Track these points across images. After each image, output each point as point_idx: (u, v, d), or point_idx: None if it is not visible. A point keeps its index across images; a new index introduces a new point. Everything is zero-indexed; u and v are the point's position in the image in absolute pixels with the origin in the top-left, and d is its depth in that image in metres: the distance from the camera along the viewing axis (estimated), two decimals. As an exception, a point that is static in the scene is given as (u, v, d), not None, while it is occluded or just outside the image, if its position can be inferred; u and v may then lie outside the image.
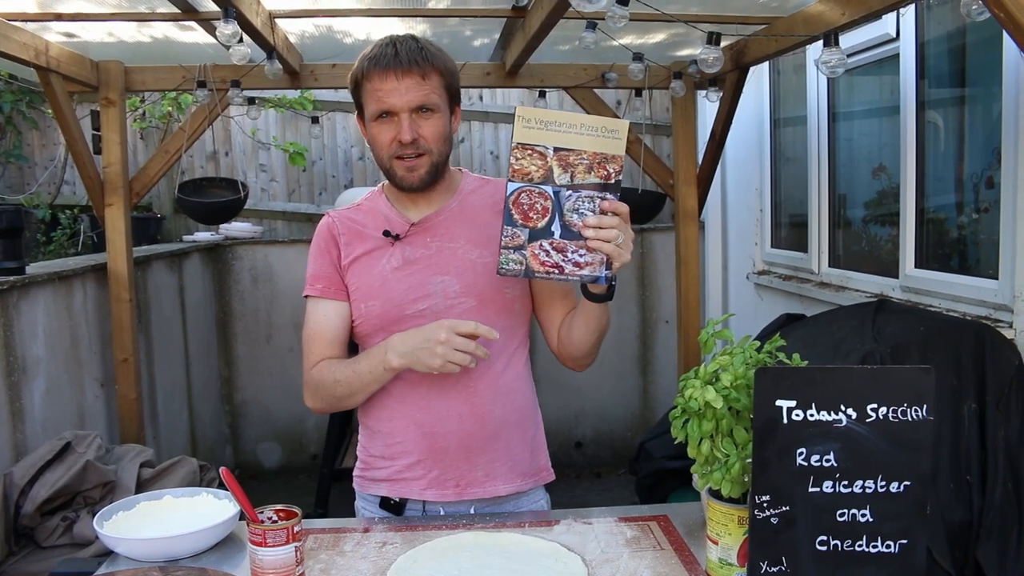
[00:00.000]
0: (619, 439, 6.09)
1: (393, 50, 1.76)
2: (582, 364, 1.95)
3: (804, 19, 3.18)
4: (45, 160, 6.35)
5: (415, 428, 1.88)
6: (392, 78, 1.75)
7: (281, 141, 6.22)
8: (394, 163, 1.82)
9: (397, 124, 1.78)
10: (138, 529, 1.79)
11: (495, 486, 1.90)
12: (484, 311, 1.85)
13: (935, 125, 3.44)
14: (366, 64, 1.78)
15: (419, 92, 1.76)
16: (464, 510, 1.91)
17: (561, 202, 1.63)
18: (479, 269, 1.86)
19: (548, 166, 1.62)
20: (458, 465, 1.88)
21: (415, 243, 1.88)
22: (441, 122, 1.81)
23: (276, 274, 5.96)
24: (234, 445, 6.04)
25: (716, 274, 5.68)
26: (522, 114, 1.61)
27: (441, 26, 3.65)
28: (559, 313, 1.94)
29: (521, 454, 1.95)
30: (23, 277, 3.25)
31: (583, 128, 1.62)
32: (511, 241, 1.64)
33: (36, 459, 2.98)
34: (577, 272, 1.66)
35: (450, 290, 1.85)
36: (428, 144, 1.80)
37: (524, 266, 1.65)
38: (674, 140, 4.61)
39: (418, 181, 1.83)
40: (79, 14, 3.18)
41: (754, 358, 1.52)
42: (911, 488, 1.39)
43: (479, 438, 1.87)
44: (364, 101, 1.82)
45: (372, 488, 1.97)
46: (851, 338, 2.92)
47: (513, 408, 1.92)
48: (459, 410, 1.86)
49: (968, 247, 3.28)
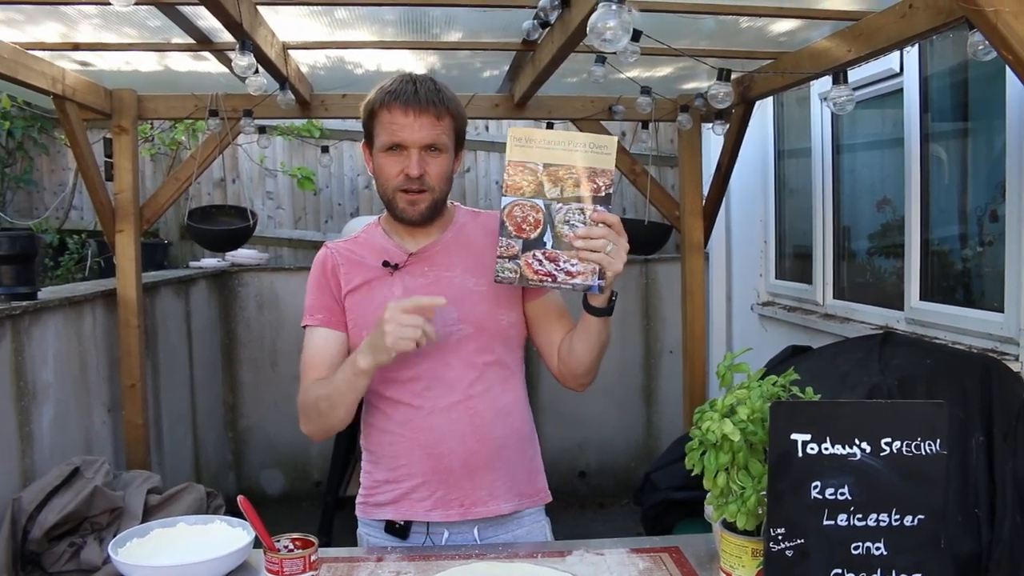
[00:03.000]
0: (622, 469, 6.07)
1: (413, 87, 1.82)
2: (583, 383, 1.99)
3: (811, 55, 3.22)
4: (54, 185, 6.40)
5: (419, 450, 1.91)
6: (409, 114, 1.81)
7: (288, 168, 6.27)
8: (397, 195, 1.88)
9: (406, 158, 1.84)
10: (152, 556, 1.79)
11: (497, 504, 1.94)
12: (480, 337, 1.92)
13: (939, 159, 3.48)
14: (384, 96, 1.84)
15: (432, 131, 1.83)
16: (468, 530, 1.95)
17: (552, 214, 1.70)
18: (475, 297, 1.92)
19: (539, 181, 1.70)
20: (462, 484, 1.92)
21: (413, 272, 1.94)
22: (447, 162, 1.89)
23: (281, 301, 5.98)
24: (237, 472, 6.04)
25: (720, 305, 5.70)
26: (514, 134, 1.70)
27: (451, 58, 3.70)
28: (557, 333, 1.98)
29: (520, 474, 1.99)
30: (35, 302, 3.27)
31: (572, 145, 1.70)
32: (506, 251, 1.72)
33: (45, 484, 2.99)
34: (570, 281, 1.73)
35: (448, 318, 1.89)
36: (432, 182, 1.87)
37: (519, 274, 1.73)
38: (680, 172, 4.65)
39: (418, 215, 1.89)
40: (97, 44, 3.23)
41: (770, 392, 1.53)
42: (925, 522, 1.40)
43: (481, 456, 1.91)
44: (376, 131, 1.88)
45: (376, 513, 1.99)
46: (857, 370, 2.93)
47: (512, 428, 1.97)
48: (461, 430, 1.90)
49: (973, 280, 3.30)
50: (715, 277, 5.71)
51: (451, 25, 3.20)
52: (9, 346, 3.09)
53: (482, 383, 1.92)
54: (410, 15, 3.06)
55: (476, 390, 1.90)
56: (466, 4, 2.87)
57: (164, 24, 2.99)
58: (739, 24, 3.08)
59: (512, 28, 3.13)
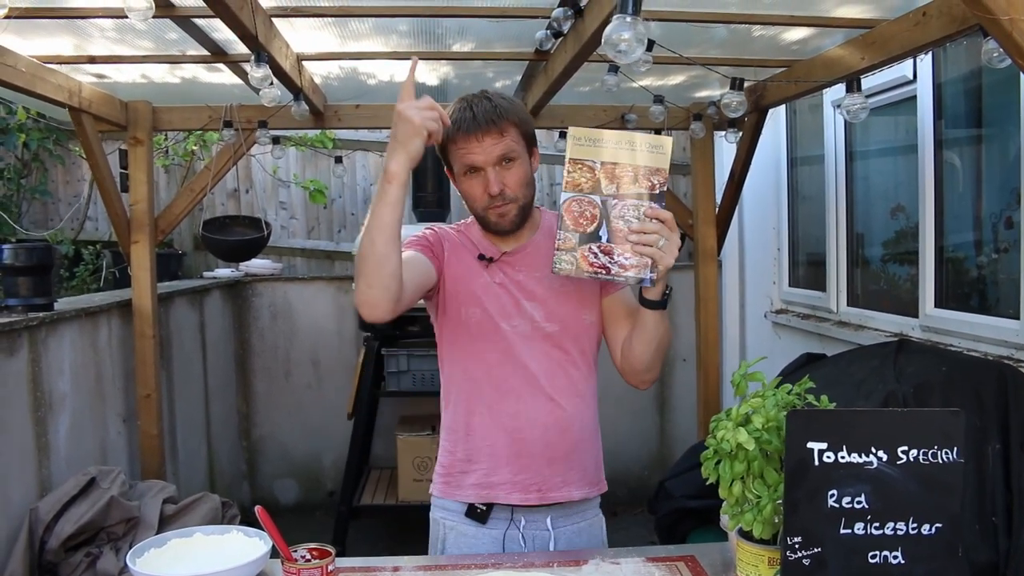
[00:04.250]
0: (635, 478, 6.06)
1: (471, 113, 1.90)
2: (644, 379, 2.05)
3: (824, 63, 3.22)
4: (69, 196, 6.44)
5: (504, 433, 2.00)
6: (473, 139, 1.90)
7: (301, 179, 6.30)
8: (488, 212, 1.98)
9: (484, 178, 1.93)
10: (170, 566, 1.80)
11: (569, 491, 2.03)
12: (565, 336, 2.03)
13: (953, 165, 3.47)
14: (450, 129, 1.89)
15: (499, 147, 1.91)
16: (542, 519, 2.03)
17: (608, 210, 1.78)
18: (561, 297, 2.02)
19: (596, 178, 1.78)
20: (541, 471, 2.00)
21: (506, 270, 2.04)
22: (523, 169, 1.96)
23: (295, 311, 5.99)
24: (251, 481, 6.05)
25: (734, 313, 5.68)
26: (574, 133, 1.79)
27: (464, 68, 3.71)
28: (624, 329, 2.05)
29: (589, 464, 2.09)
30: (52, 313, 3.29)
31: (629, 144, 1.78)
32: (563, 244, 1.80)
33: (62, 494, 3.01)
34: (623, 273, 1.81)
35: (537, 315, 2.01)
36: (514, 192, 1.95)
37: (575, 266, 1.81)
38: (693, 180, 4.65)
39: (509, 224, 1.99)
40: (112, 56, 3.26)
41: (785, 400, 1.53)
42: (943, 530, 1.40)
43: (561, 448, 2.01)
44: (451, 160, 1.97)
45: (457, 494, 2.05)
46: (872, 378, 2.92)
47: (588, 423, 2.08)
48: (544, 421, 2.00)
49: (988, 287, 3.29)
50: (728, 285, 5.69)
51: (464, 35, 3.21)
52: (26, 357, 3.12)
53: (565, 378, 2.02)
54: (423, 26, 3.08)
55: (559, 384, 2.00)
56: (479, 15, 2.88)
57: (180, 36, 3.02)
58: (752, 32, 3.09)
59: (525, 38, 3.14)
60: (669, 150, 1.77)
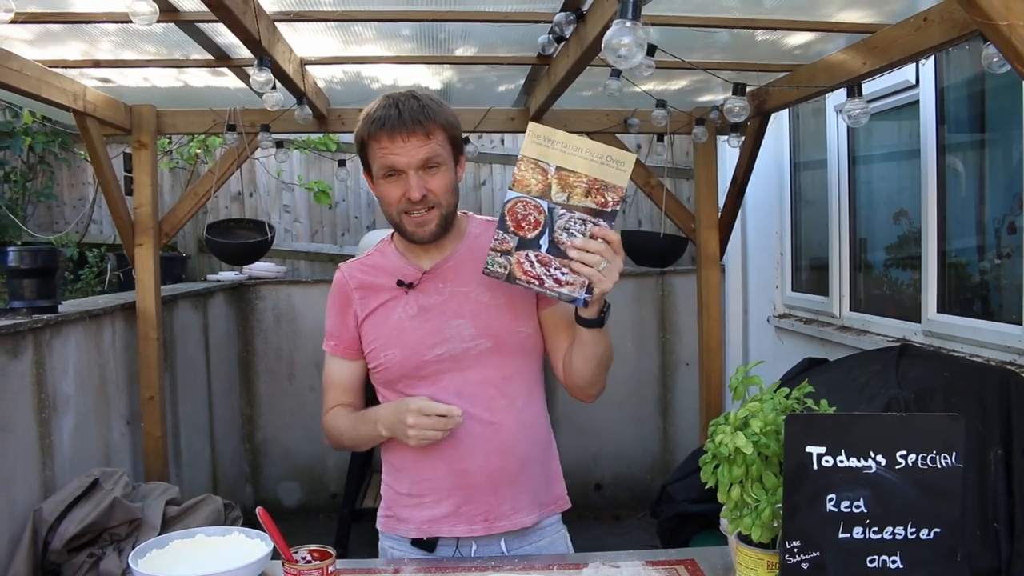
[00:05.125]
0: (638, 482, 6.06)
1: (396, 111, 1.78)
2: (588, 394, 1.98)
3: (825, 68, 3.23)
4: (74, 199, 6.47)
5: (443, 464, 1.90)
6: (398, 139, 1.78)
7: (305, 181, 6.32)
8: (403, 218, 1.86)
9: (405, 182, 1.81)
10: (171, 567, 1.80)
11: (520, 518, 1.94)
12: (500, 351, 1.91)
13: (955, 170, 3.47)
14: (371, 126, 1.81)
15: (424, 150, 1.79)
16: (495, 544, 1.94)
17: (553, 219, 1.69)
18: (492, 311, 1.91)
19: (548, 182, 1.68)
20: (486, 499, 1.91)
21: (428, 290, 1.92)
22: (448, 175, 1.85)
23: (299, 314, 6.01)
24: (254, 484, 6.07)
25: (736, 317, 5.69)
26: (533, 130, 1.68)
27: (467, 72, 3.72)
28: (562, 344, 1.96)
29: (540, 484, 2.00)
30: (56, 316, 3.30)
31: (588, 153, 1.68)
32: (500, 245, 1.72)
33: (65, 495, 3.02)
34: (556, 288, 1.73)
35: (466, 333, 1.89)
36: (437, 198, 1.84)
37: (508, 271, 1.73)
38: (696, 185, 4.65)
39: (429, 235, 1.87)
40: (117, 61, 3.27)
41: (783, 404, 1.54)
42: (941, 535, 1.40)
43: (506, 472, 1.91)
44: (371, 160, 1.85)
45: (400, 529, 1.98)
46: (874, 383, 2.92)
47: (535, 441, 1.98)
48: (486, 446, 1.89)
49: (991, 292, 3.29)
50: (731, 289, 5.70)
51: (467, 40, 3.22)
52: (31, 359, 3.13)
53: (504, 398, 1.91)
54: (426, 30, 3.09)
55: (499, 405, 1.89)
56: (482, 19, 2.89)
57: (183, 41, 3.04)
58: (754, 37, 3.09)
59: (527, 43, 3.15)
60: (630, 168, 1.67)
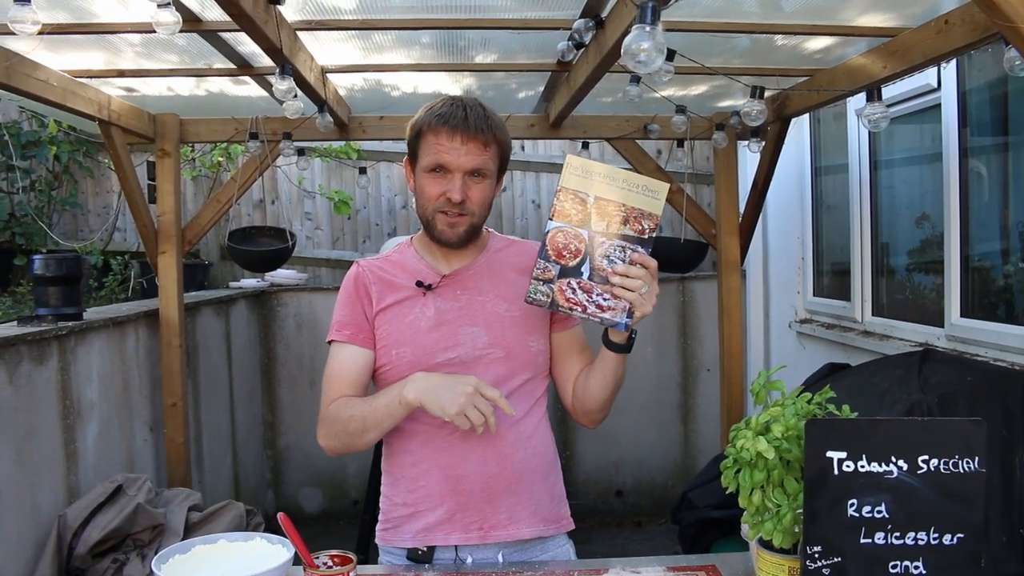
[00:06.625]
0: (659, 488, 6.03)
1: (463, 113, 1.82)
2: (595, 419, 1.99)
3: (846, 72, 3.21)
4: (98, 207, 6.54)
5: (438, 471, 1.90)
6: (456, 139, 1.81)
7: (326, 190, 6.36)
8: (437, 216, 1.88)
9: (449, 181, 1.84)
10: (194, 572, 1.81)
11: (518, 529, 1.92)
12: (511, 362, 1.92)
13: (978, 174, 3.44)
14: (433, 119, 1.84)
15: (478, 158, 1.83)
16: (492, 554, 1.92)
17: (594, 247, 1.73)
18: (507, 322, 1.93)
19: (587, 212, 1.73)
20: (481, 507, 1.90)
21: (446, 295, 1.93)
22: (488, 189, 1.89)
23: (320, 321, 6.03)
24: (276, 490, 6.10)
25: (758, 323, 5.66)
26: (571, 162, 1.73)
27: (487, 79, 3.74)
28: (575, 367, 1.99)
29: (542, 499, 1.98)
30: (80, 323, 3.34)
31: (625, 183, 1.73)
32: (542, 274, 1.74)
33: (89, 501, 3.05)
34: (599, 314, 1.75)
35: (479, 341, 1.90)
36: (473, 207, 1.87)
37: (550, 299, 1.75)
38: (716, 190, 4.64)
39: (456, 238, 1.89)
40: (141, 70, 3.31)
41: (804, 409, 1.53)
42: (965, 540, 1.39)
43: (502, 481, 1.90)
44: (421, 151, 1.87)
45: (395, 539, 1.96)
46: (897, 388, 2.90)
47: (534, 453, 1.96)
48: (481, 453, 1.89)
49: (1015, 296, 3.25)
50: (752, 295, 5.67)
51: (486, 47, 3.23)
52: (56, 365, 3.16)
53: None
54: (446, 38, 3.11)
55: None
56: (501, 27, 2.90)
57: (205, 50, 3.07)
58: (774, 42, 3.08)
59: (547, 49, 3.16)
60: (664, 196, 1.73)
